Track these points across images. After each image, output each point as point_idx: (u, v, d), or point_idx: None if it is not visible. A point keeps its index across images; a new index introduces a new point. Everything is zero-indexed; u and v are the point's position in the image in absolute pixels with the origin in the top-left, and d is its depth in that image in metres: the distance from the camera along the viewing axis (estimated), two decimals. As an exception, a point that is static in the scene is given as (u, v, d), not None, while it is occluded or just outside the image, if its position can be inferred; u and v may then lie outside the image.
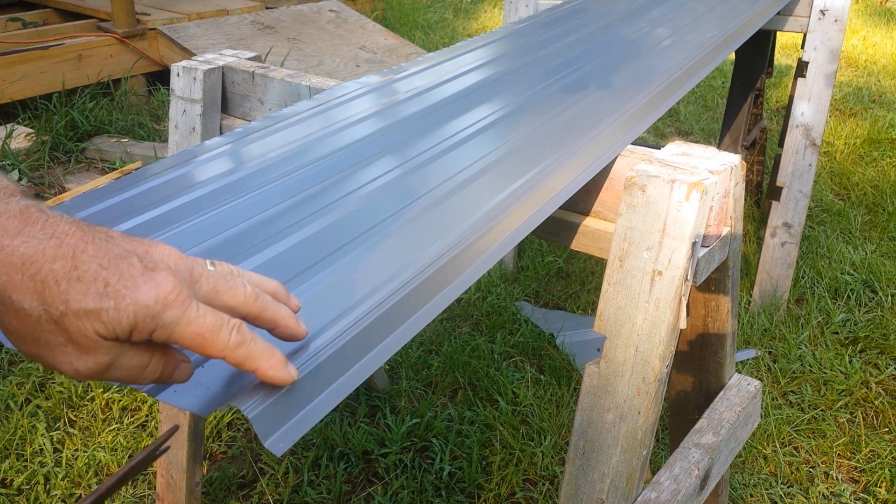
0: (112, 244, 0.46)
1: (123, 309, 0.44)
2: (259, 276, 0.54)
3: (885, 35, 5.51)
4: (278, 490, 1.66)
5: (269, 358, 0.49)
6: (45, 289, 0.43)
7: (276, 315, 0.52)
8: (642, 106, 1.06)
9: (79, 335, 0.44)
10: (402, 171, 0.86)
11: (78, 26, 3.80)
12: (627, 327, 0.86)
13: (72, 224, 0.45)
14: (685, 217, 0.82)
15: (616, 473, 0.89)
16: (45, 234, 0.44)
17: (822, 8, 2.10)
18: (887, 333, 2.19)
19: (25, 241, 0.43)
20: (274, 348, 0.50)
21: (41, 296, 0.43)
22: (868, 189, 3.09)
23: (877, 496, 1.69)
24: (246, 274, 0.53)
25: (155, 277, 0.45)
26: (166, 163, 0.89)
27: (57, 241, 0.44)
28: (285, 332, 0.53)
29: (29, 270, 0.43)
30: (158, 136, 3.31)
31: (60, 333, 0.44)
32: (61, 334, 0.44)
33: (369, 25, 4.27)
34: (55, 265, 0.43)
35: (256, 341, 0.49)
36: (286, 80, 1.26)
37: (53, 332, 0.44)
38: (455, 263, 0.70)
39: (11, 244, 0.43)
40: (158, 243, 0.48)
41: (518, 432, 1.81)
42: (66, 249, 0.44)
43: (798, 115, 2.18)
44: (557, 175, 0.85)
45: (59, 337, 0.44)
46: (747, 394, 1.09)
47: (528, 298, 2.38)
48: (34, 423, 1.77)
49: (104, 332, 0.44)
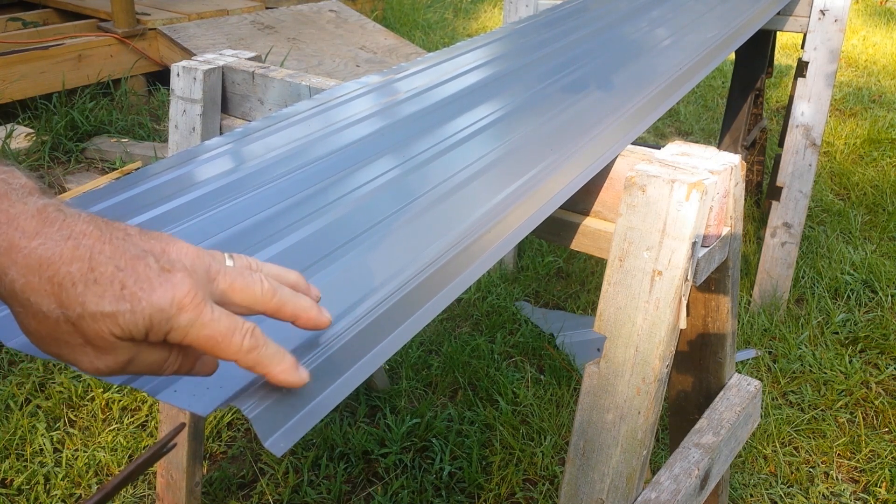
0: (129, 243, 0.46)
1: (139, 312, 0.44)
2: (278, 268, 0.54)
3: (885, 35, 5.51)
4: (278, 490, 1.66)
5: (280, 362, 0.49)
6: (62, 291, 0.43)
7: (296, 308, 0.52)
8: (642, 106, 1.06)
9: (96, 337, 0.44)
10: (401, 170, 0.86)
11: (78, 26, 3.80)
12: (627, 327, 0.86)
13: (89, 223, 0.45)
14: (685, 217, 0.82)
15: (616, 473, 0.89)
16: (63, 234, 0.44)
17: (822, 8, 2.10)
18: (887, 333, 2.19)
19: (43, 243, 0.44)
20: (285, 352, 0.50)
21: (58, 298, 0.43)
22: (868, 189, 3.09)
23: (877, 496, 1.69)
24: (265, 266, 0.53)
25: (171, 279, 0.45)
26: (166, 163, 0.89)
27: (74, 243, 0.44)
28: (307, 324, 0.53)
29: (46, 273, 0.43)
30: (158, 136, 3.31)
31: (78, 335, 0.45)
32: (79, 336, 0.45)
33: (369, 25, 4.27)
34: (72, 267, 0.43)
35: (269, 346, 0.49)
36: (286, 80, 1.26)
37: (71, 334, 0.45)
38: (455, 263, 0.70)
39: (29, 245, 0.43)
40: (176, 240, 0.48)
41: (518, 432, 1.81)
42: (83, 251, 0.44)
43: (798, 115, 2.18)
44: (557, 175, 0.85)
45: (77, 338, 0.45)
46: (747, 394, 1.09)
47: (528, 298, 2.38)
48: (34, 423, 1.77)
49: (120, 334, 0.45)
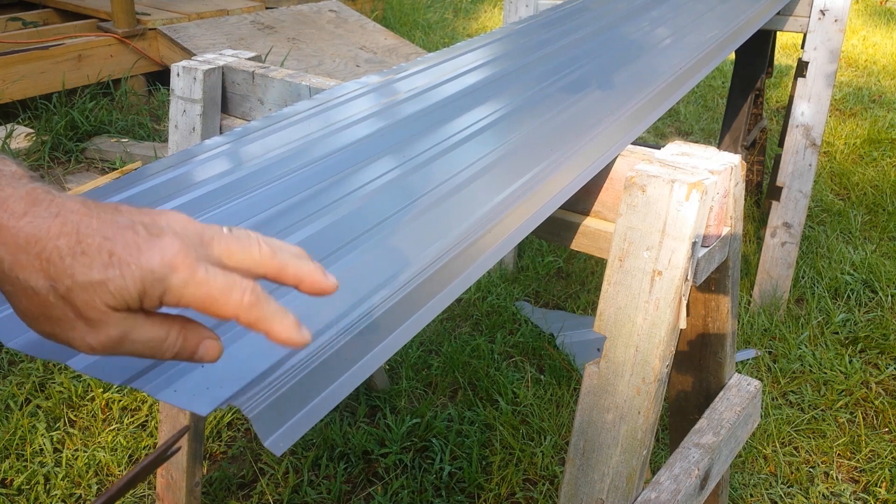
0: (118, 216, 0.45)
1: (129, 276, 0.44)
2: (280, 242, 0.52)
3: (885, 35, 5.51)
4: (278, 490, 1.66)
5: (282, 319, 0.48)
6: (50, 266, 0.43)
7: (299, 270, 0.50)
8: (642, 106, 1.06)
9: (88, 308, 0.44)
10: (402, 170, 0.86)
11: (78, 26, 3.80)
12: (627, 327, 0.86)
13: (78, 202, 0.45)
14: (685, 217, 0.82)
15: (616, 473, 0.89)
16: (51, 212, 0.44)
17: (822, 8, 2.10)
18: (887, 333, 2.19)
19: (31, 221, 0.44)
20: (287, 310, 0.48)
21: (47, 273, 0.43)
22: (868, 189, 3.09)
23: (877, 496, 1.69)
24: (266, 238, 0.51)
25: (160, 242, 0.45)
26: (165, 162, 0.89)
27: (62, 220, 0.44)
28: (313, 287, 0.50)
29: (34, 249, 0.43)
30: (158, 136, 3.31)
31: (70, 309, 0.44)
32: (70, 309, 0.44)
33: (369, 25, 4.27)
34: (59, 241, 0.43)
35: (270, 302, 0.47)
36: (286, 80, 1.26)
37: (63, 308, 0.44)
38: (455, 263, 0.70)
39: (17, 225, 0.44)
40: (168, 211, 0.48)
41: (518, 432, 1.81)
42: (71, 226, 0.44)
43: (798, 115, 2.18)
44: (557, 175, 0.85)
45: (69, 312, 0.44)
46: (747, 394, 1.09)
47: (528, 298, 2.38)
48: (34, 423, 1.77)
49: (113, 303, 0.44)
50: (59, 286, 0.43)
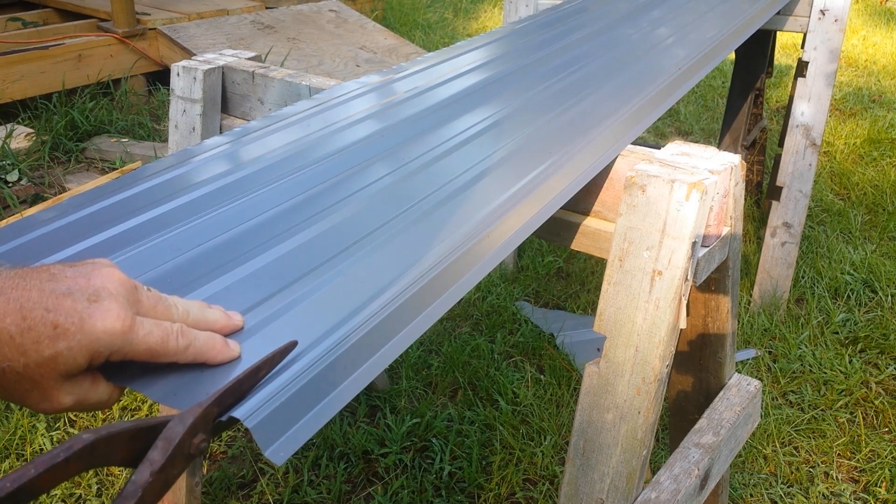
0: (54, 283, 0.48)
1: (76, 346, 0.47)
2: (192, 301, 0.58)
3: (885, 35, 5.51)
4: (278, 490, 1.66)
5: (212, 347, 0.54)
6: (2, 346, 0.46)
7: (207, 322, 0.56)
8: (642, 106, 1.06)
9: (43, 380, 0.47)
10: (402, 173, 0.86)
11: (78, 26, 3.80)
12: (627, 327, 0.86)
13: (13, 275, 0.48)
14: (685, 217, 0.82)
15: (616, 473, 0.89)
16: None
17: (822, 8, 2.10)
18: (887, 333, 2.19)
19: None
20: (213, 334, 0.54)
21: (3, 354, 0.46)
22: (868, 189, 3.08)
23: (877, 496, 1.69)
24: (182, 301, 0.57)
25: (100, 308, 0.48)
26: (165, 162, 0.89)
27: (5, 298, 0.47)
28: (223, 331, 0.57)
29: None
30: (158, 136, 3.31)
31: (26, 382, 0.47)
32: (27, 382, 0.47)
33: (369, 25, 4.27)
34: (6, 321, 0.46)
35: (198, 337, 0.53)
36: (286, 79, 1.26)
37: (20, 382, 0.47)
38: (457, 266, 0.70)
39: None
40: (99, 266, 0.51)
41: (518, 432, 1.81)
42: (14, 304, 0.47)
43: (798, 115, 2.18)
44: (558, 176, 0.85)
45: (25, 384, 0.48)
46: (747, 394, 1.09)
47: (528, 298, 2.38)
48: (34, 423, 1.77)
49: (65, 372, 0.48)
50: (15, 364, 0.46)
